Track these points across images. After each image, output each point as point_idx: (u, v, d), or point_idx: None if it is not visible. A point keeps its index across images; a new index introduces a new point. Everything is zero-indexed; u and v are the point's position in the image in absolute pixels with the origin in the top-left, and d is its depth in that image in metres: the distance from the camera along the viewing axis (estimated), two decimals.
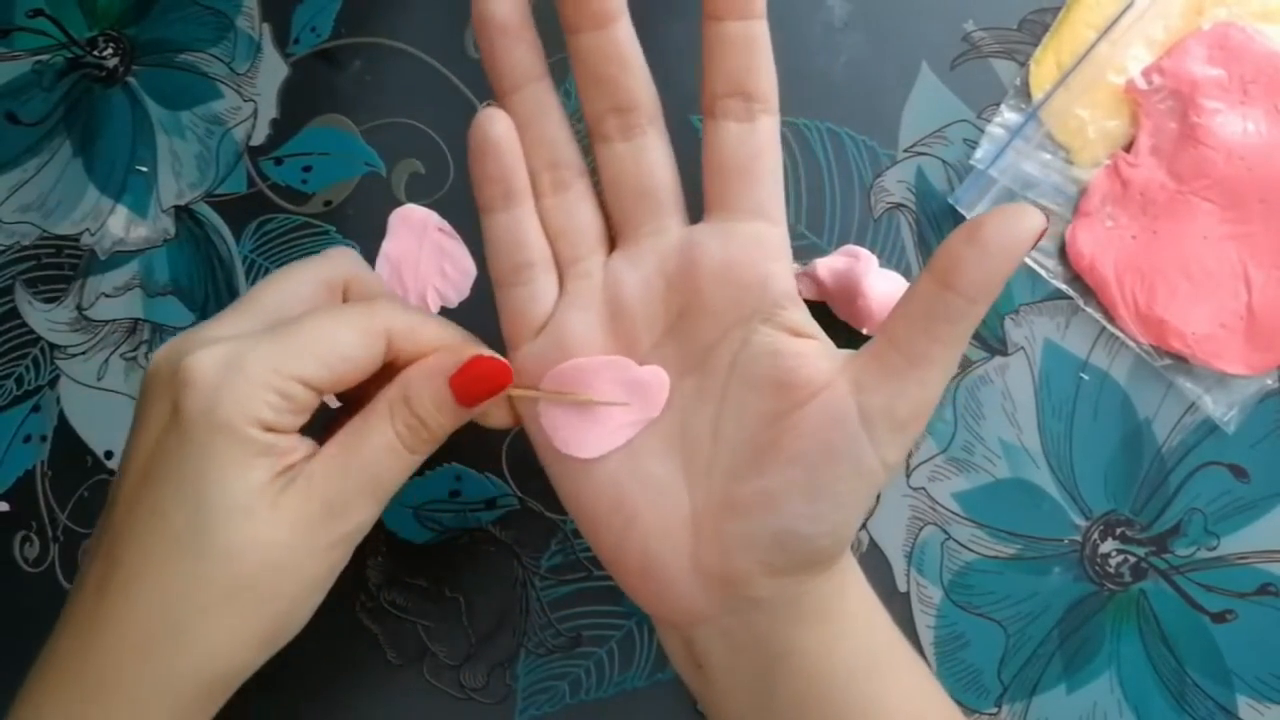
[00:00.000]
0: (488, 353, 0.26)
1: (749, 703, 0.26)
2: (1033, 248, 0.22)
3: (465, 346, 0.27)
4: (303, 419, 0.25)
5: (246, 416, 0.24)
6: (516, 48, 0.25)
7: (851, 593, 0.27)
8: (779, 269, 0.26)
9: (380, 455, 0.25)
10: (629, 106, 0.25)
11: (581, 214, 0.26)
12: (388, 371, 0.27)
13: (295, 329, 0.25)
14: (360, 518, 0.25)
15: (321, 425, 0.27)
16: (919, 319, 0.23)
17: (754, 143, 0.25)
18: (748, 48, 0.25)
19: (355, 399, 0.28)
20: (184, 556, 0.23)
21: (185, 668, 0.24)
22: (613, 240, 0.27)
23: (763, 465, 0.25)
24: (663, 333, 0.26)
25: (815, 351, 0.25)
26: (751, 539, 0.25)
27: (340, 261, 0.30)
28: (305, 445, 0.26)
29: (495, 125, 0.26)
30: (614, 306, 0.26)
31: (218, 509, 0.23)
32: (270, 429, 0.24)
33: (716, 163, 0.26)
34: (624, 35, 0.25)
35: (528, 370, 0.27)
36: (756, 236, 0.25)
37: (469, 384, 0.26)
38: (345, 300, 0.29)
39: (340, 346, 0.25)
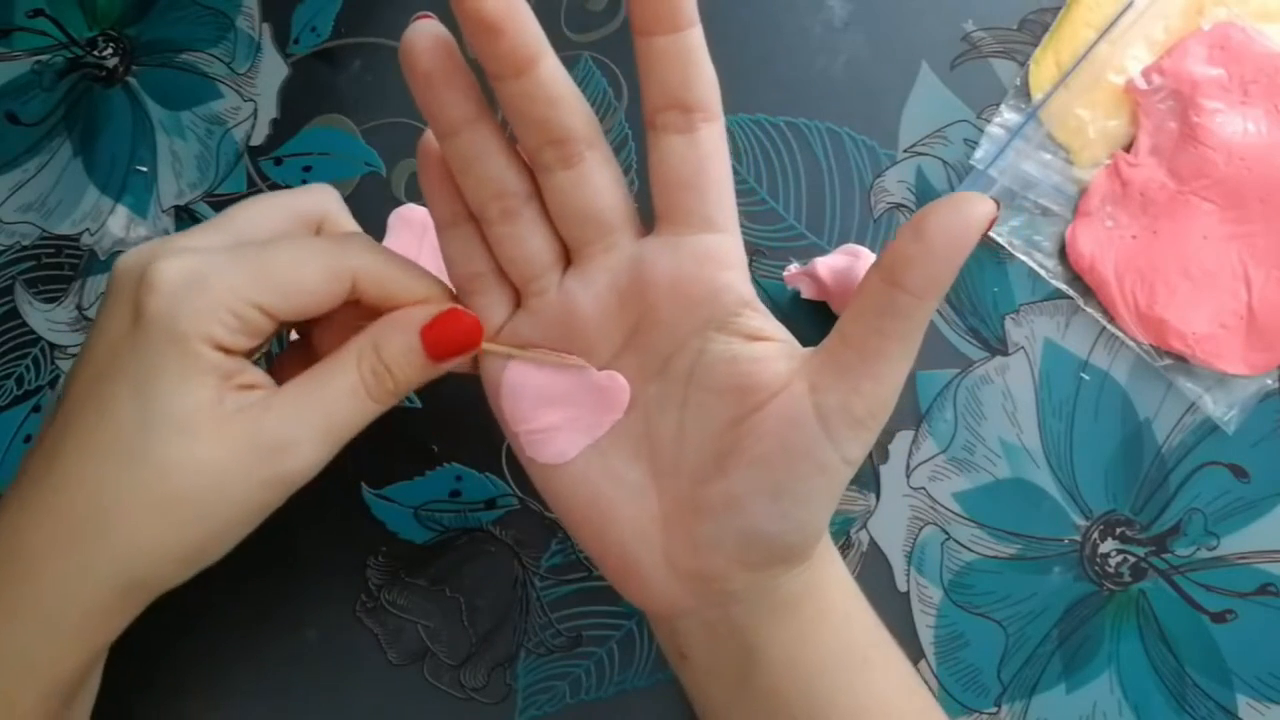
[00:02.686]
0: (461, 307, 0.27)
1: (727, 693, 0.27)
2: (983, 235, 0.22)
3: (438, 301, 0.27)
4: (256, 343, 0.25)
5: (200, 332, 0.24)
6: (448, 94, 0.24)
7: (829, 587, 0.27)
8: (732, 276, 0.25)
9: (340, 397, 0.25)
10: (563, 139, 0.24)
11: (533, 240, 0.26)
12: (349, 312, 0.27)
13: (261, 254, 0.25)
14: (307, 458, 0.25)
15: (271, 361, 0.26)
16: (870, 316, 0.23)
17: (697, 154, 0.25)
18: (681, 59, 0.24)
19: (311, 338, 0.29)
20: (121, 461, 0.24)
21: (106, 567, 0.24)
22: (568, 257, 0.27)
23: (726, 468, 0.25)
24: (620, 345, 0.26)
25: (773, 354, 0.25)
26: (719, 539, 0.25)
27: (319, 196, 0.30)
28: (257, 374, 0.26)
29: (436, 150, 0.26)
30: (567, 322, 0.26)
31: (162, 420, 0.23)
32: (222, 348, 0.24)
33: (661, 177, 0.25)
34: (548, 74, 0.24)
35: (492, 380, 0.27)
36: (705, 248, 0.25)
37: (441, 338, 0.26)
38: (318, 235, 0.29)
39: (303, 279, 0.25)
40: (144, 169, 0.39)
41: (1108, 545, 0.34)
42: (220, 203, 0.39)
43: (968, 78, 0.37)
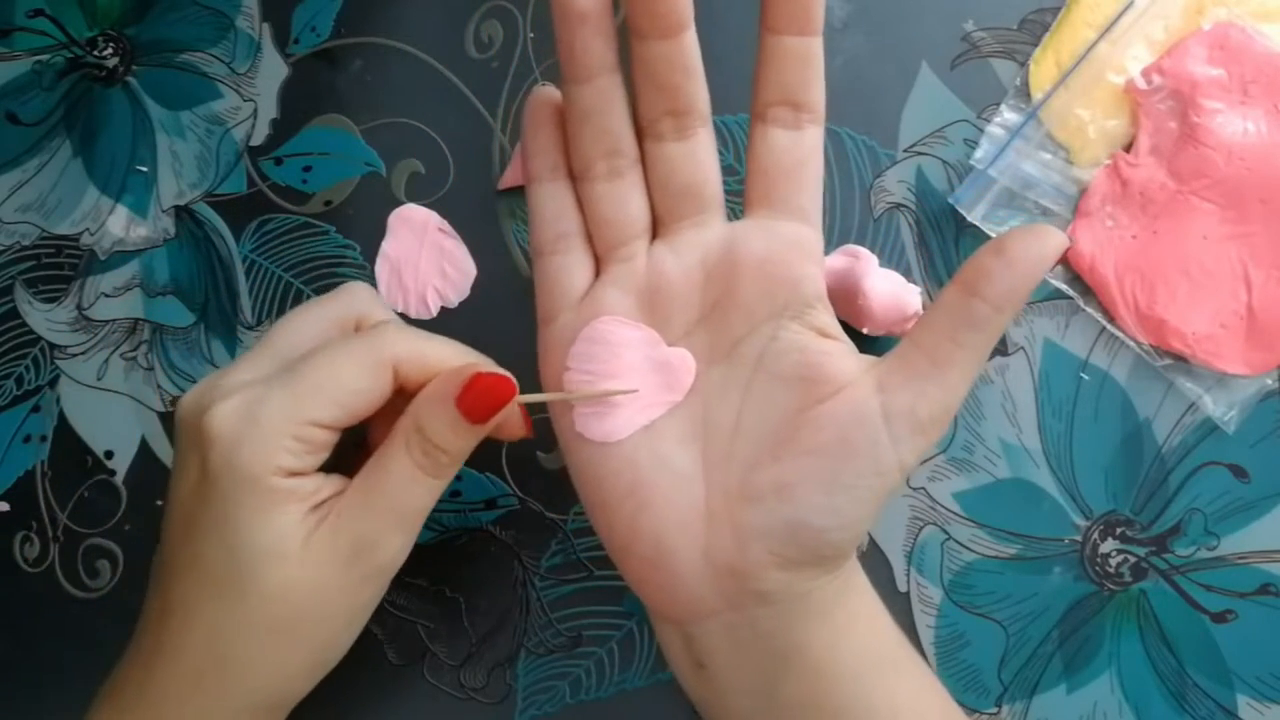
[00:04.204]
0: (490, 368, 0.27)
1: (751, 702, 0.26)
2: (1054, 267, 0.23)
3: (466, 366, 0.27)
4: (323, 456, 0.26)
5: (267, 466, 0.25)
6: (595, 39, 0.25)
7: (857, 593, 0.27)
8: (813, 271, 0.26)
9: (403, 486, 0.26)
10: (687, 110, 0.26)
11: (632, 203, 0.27)
12: (402, 397, 0.27)
13: (302, 372, 0.26)
14: (391, 550, 0.26)
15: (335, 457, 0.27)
16: (944, 324, 0.24)
17: (800, 149, 0.26)
18: (803, 62, 0.25)
19: (372, 426, 0.29)
20: (225, 599, 0.25)
21: (235, 697, 0.26)
22: (654, 231, 0.28)
23: (781, 456, 0.25)
24: (695, 322, 0.27)
25: (840, 352, 0.26)
26: (765, 528, 0.25)
27: (351, 298, 0.30)
28: (331, 483, 0.26)
29: (552, 99, 0.26)
30: (652, 291, 0.27)
31: (251, 556, 0.25)
32: (293, 474, 0.25)
33: (762, 164, 0.26)
34: (691, 43, 0.25)
35: (560, 344, 0.27)
36: (796, 237, 0.26)
37: (476, 401, 0.26)
38: None
39: (348, 383, 0.26)
40: (144, 169, 0.39)
41: (1108, 545, 0.34)
42: (220, 203, 0.39)
43: (968, 78, 0.37)
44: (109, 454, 0.37)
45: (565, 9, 0.24)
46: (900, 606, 0.34)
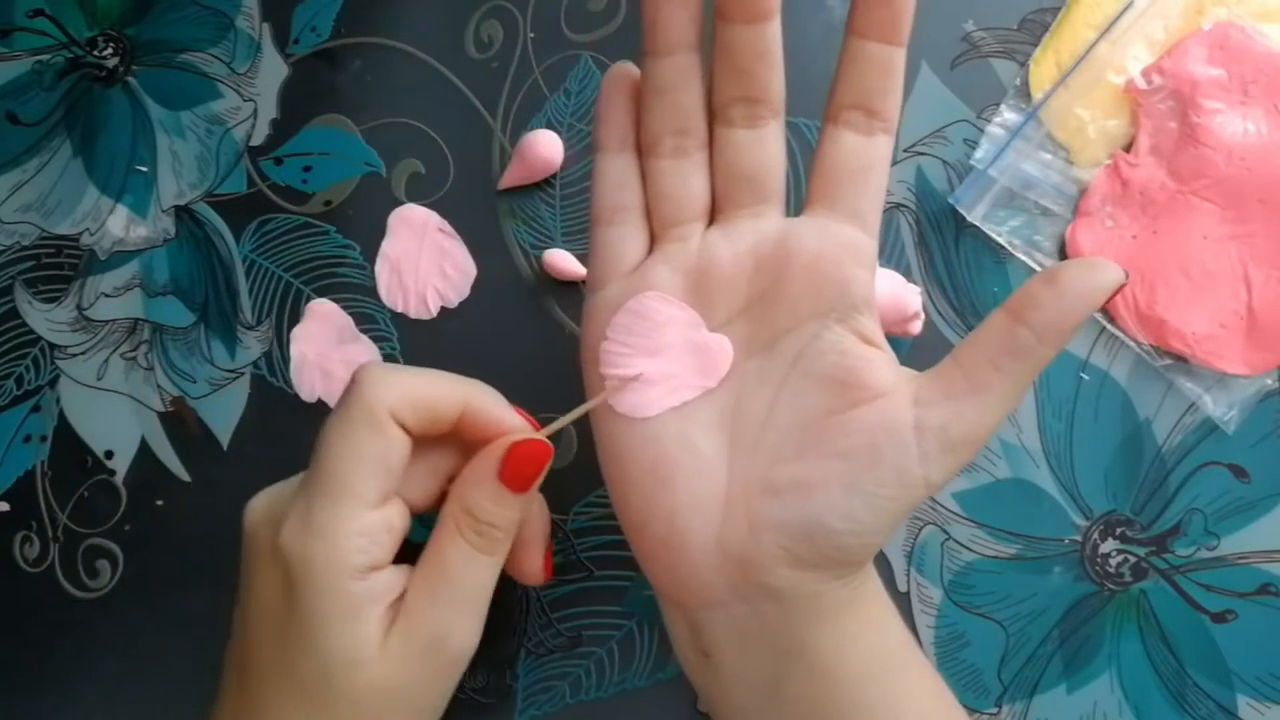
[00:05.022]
0: (518, 433, 0.27)
1: (756, 698, 0.26)
2: (1108, 302, 0.24)
3: (500, 442, 0.27)
4: (392, 538, 0.27)
5: (342, 573, 0.25)
6: (681, 13, 0.25)
7: (869, 600, 0.27)
8: (863, 275, 0.26)
9: (463, 570, 0.27)
10: (760, 99, 0.26)
11: (694, 183, 0.27)
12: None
13: (326, 469, 0.26)
14: (465, 637, 0.27)
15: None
16: (988, 349, 0.24)
17: (868, 155, 0.26)
18: (884, 71, 0.25)
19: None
20: (316, 704, 0.26)
21: None
22: (712, 216, 0.28)
23: (806, 453, 0.25)
24: (739, 311, 0.27)
25: (881, 360, 0.25)
26: (781, 522, 0.25)
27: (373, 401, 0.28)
28: (397, 578, 0.27)
29: (630, 75, 0.27)
30: (701, 273, 0.27)
31: (336, 663, 0.25)
32: (368, 570, 0.26)
33: (827, 164, 0.26)
34: (774, 31, 0.25)
35: (605, 311, 0.27)
36: (852, 240, 0.26)
37: (517, 471, 0.27)
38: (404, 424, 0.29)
39: (362, 455, 0.26)
40: (144, 169, 0.39)
41: (1108, 545, 0.34)
42: (220, 203, 0.39)
43: (968, 78, 0.37)
44: (109, 454, 0.37)
45: None
46: (900, 606, 0.34)
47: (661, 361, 0.26)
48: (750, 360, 0.26)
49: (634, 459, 0.26)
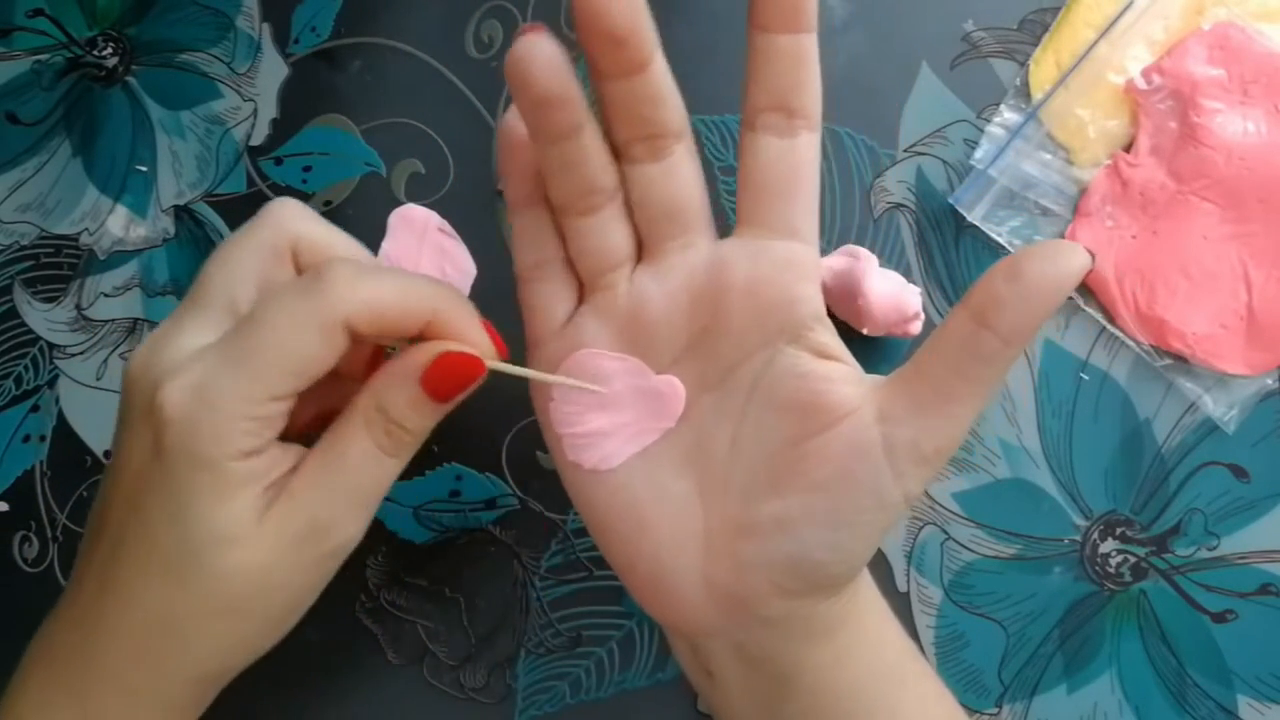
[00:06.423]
0: (454, 347, 0.26)
1: (760, 713, 0.26)
2: (1075, 289, 0.22)
3: (431, 344, 0.26)
4: (281, 425, 0.25)
5: (224, 451, 0.24)
6: (559, 114, 0.23)
7: (863, 609, 0.27)
8: (808, 290, 0.25)
9: (362, 465, 0.25)
10: (660, 134, 0.24)
11: (611, 233, 0.25)
12: (359, 351, 0.27)
13: (252, 344, 0.24)
14: (348, 532, 0.25)
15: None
16: (951, 355, 0.22)
17: (793, 159, 0.24)
18: (795, 62, 0.24)
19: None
20: (175, 579, 0.24)
21: (177, 669, 0.26)
22: (639, 256, 0.26)
23: (782, 488, 0.24)
24: (683, 349, 0.26)
25: (841, 375, 0.24)
26: (765, 562, 0.24)
27: (280, 219, 0.28)
28: (287, 456, 0.25)
29: (520, 129, 0.25)
30: (633, 319, 0.25)
31: (204, 539, 0.24)
32: (250, 454, 0.24)
33: (753, 178, 0.25)
34: (656, 75, 0.23)
35: (548, 369, 0.26)
36: (788, 256, 0.24)
37: (442, 381, 0.25)
38: (297, 264, 0.28)
39: (301, 350, 0.24)
40: (143, 169, 0.39)
41: (1108, 545, 0.34)
42: (220, 203, 0.39)
43: (968, 78, 0.37)
44: (108, 454, 0.37)
45: (524, 89, 0.22)
46: (900, 606, 0.34)
47: (613, 412, 0.26)
48: (705, 395, 0.26)
49: (608, 508, 0.26)
